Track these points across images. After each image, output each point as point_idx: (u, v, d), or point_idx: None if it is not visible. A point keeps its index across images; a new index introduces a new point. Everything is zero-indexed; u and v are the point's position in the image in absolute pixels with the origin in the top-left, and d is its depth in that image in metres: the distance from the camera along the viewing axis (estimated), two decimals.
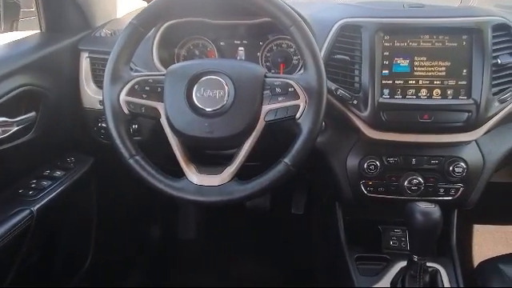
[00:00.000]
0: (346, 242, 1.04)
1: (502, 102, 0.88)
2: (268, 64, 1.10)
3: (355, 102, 0.90)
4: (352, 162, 0.97)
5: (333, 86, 0.91)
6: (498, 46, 0.89)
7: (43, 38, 1.05)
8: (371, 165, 0.95)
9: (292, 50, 1.07)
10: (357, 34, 0.91)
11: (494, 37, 0.88)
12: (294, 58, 1.07)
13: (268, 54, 1.09)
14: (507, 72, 0.89)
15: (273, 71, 1.09)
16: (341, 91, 0.91)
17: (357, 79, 0.91)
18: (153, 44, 1.00)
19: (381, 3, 1.02)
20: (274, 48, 1.08)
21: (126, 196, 1.34)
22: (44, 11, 1.04)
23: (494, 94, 0.88)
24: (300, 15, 0.98)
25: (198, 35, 1.09)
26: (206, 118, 0.76)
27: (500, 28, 0.89)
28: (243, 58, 1.10)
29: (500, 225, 1.52)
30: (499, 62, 0.88)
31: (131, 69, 0.82)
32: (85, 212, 1.20)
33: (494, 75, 0.88)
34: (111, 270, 1.31)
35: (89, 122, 1.05)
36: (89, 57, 1.05)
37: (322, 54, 0.93)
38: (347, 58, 0.91)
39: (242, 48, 1.09)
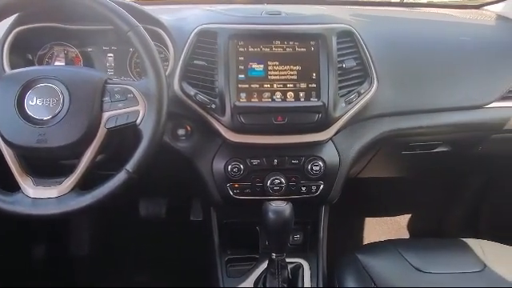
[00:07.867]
0: (218, 245, 1.05)
1: (348, 103, 0.94)
2: (138, 70, 1.08)
3: (213, 106, 0.92)
4: (218, 165, 0.98)
5: (192, 92, 0.92)
6: (342, 52, 0.95)
7: None
8: (235, 167, 0.96)
9: (162, 55, 1.07)
10: (213, 40, 0.93)
11: (338, 43, 0.94)
12: (165, 63, 1.06)
13: (138, 61, 1.07)
14: (352, 75, 0.96)
15: (143, 78, 1.08)
16: (200, 96, 0.92)
17: (216, 84, 0.92)
18: (2, 50, 0.94)
19: (240, 10, 1.05)
20: None
21: None
22: None
23: (341, 95, 0.94)
24: (160, 22, 0.99)
25: (61, 41, 1.05)
26: (40, 126, 0.74)
27: (344, 35, 0.96)
28: (113, 64, 1.07)
29: (377, 217, 1.64)
30: (344, 66, 0.94)
31: None
32: None
33: (339, 78, 0.94)
34: None
35: None
36: None
37: (181, 60, 0.94)
38: (204, 63, 0.93)
39: (111, 54, 1.06)
